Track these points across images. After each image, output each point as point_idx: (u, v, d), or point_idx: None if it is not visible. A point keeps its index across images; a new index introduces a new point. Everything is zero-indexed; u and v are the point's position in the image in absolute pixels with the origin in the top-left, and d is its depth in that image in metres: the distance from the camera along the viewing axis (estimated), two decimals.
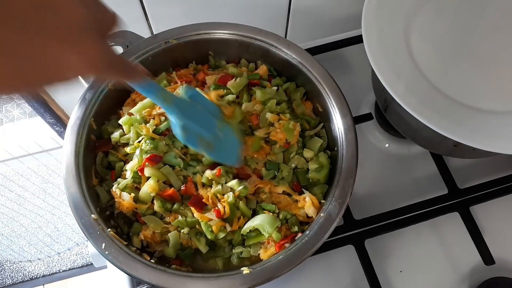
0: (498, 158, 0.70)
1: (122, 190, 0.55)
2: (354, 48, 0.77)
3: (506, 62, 0.57)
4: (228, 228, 0.53)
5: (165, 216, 0.55)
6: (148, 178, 0.55)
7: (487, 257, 0.62)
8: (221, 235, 0.53)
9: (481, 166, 0.71)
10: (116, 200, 0.54)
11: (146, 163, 0.54)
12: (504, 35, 0.59)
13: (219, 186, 0.54)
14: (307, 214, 0.54)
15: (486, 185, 0.67)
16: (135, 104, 0.60)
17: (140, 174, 0.55)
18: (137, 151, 0.56)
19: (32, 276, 1.47)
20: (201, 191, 0.54)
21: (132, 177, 0.55)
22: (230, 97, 0.59)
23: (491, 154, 0.55)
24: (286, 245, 0.51)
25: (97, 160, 0.58)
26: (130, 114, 0.59)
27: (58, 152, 1.53)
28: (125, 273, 0.49)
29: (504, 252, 0.64)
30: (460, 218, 0.65)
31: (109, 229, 0.50)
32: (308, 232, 0.50)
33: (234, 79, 0.60)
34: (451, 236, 0.66)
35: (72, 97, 0.95)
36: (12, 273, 1.48)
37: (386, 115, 0.65)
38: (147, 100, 0.59)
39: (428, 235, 0.66)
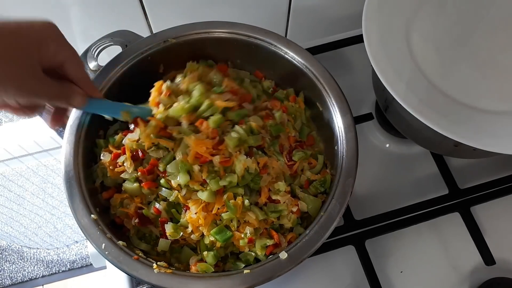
0: (498, 158, 0.69)
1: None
2: (354, 48, 0.77)
3: (506, 62, 0.57)
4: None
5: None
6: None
7: (487, 258, 0.61)
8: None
9: (481, 166, 0.70)
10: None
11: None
12: (504, 35, 0.59)
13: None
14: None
15: (487, 185, 0.67)
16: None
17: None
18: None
19: (32, 277, 1.47)
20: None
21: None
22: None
23: (492, 154, 0.55)
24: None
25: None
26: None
27: (58, 152, 1.52)
28: (125, 273, 0.48)
29: (504, 252, 0.64)
30: (460, 219, 0.65)
31: (108, 234, 0.50)
32: (308, 231, 0.50)
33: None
34: (451, 237, 0.66)
35: None
36: (11, 273, 1.48)
37: (387, 115, 0.65)
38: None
39: (428, 236, 0.66)
